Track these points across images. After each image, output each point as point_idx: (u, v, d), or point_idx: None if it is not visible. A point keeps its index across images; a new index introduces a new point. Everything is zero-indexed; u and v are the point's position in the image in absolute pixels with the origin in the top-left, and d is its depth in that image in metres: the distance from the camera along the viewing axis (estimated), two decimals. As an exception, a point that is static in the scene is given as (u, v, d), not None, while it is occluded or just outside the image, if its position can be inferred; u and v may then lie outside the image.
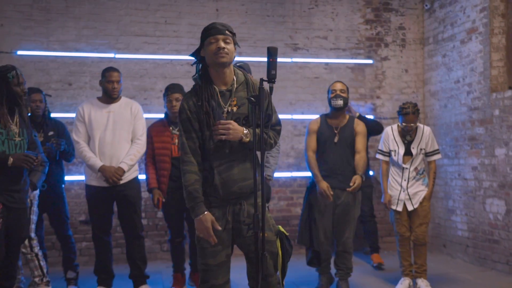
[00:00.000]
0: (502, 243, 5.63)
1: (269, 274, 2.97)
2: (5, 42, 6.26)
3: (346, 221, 4.71)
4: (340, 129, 4.75)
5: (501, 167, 5.67)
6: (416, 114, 4.86)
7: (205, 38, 2.90)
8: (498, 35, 5.91)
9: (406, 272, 4.96)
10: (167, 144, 4.77)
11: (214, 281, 2.91)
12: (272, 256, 2.97)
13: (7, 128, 3.75)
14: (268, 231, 2.92)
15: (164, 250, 6.53)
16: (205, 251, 2.92)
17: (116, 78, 4.65)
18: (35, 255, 4.55)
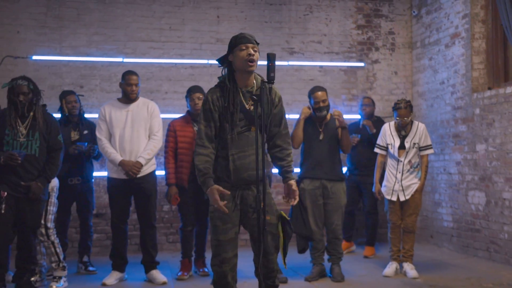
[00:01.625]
0: (483, 231, 6.11)
1: (270, 252, 3.40)
2: (21, 48, 6.71)
3: (334, 209, 5.18)
4: (324, 126, 5.20)
5: (481, 162, 6.15)
6: (408, 109, 5.31)
7: (235, 45, 3.33)
8: (479, 40, 6.39)
9: (394, 256, 5.42)
10: (189, 139, 5.23)
11: (225, 254, 3.35)
12: (274, 237, 3.41)
13: (14, 129, 4.41)
14: (270, 215, 3.37)
15: (170, 241, 6.99)
16: (217, 229, 3.37)
17: (135, 81, 5.12)
18: (51, 242, 4.98)
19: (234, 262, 3.40)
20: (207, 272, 5.37)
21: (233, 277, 3.40)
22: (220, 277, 3.37)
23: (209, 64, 7.20)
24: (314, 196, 5.18)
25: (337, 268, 5.20)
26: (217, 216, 3.37)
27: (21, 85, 4.47)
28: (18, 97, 4.45)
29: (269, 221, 3.35)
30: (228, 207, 3.36)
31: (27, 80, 4.54)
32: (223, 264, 3.34)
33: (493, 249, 5.94)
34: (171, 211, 6.98)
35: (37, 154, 4.51)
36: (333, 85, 7.48)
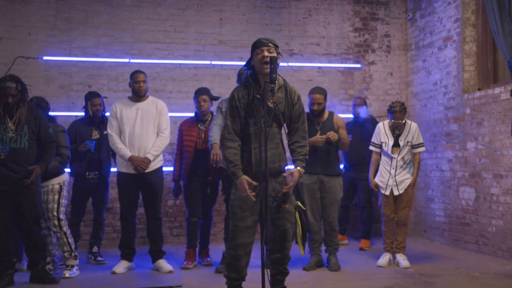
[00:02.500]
0: (472, 225, 6.43)
1: (287, 239, 3.72)
2: (32, 49, 7.01)
3: (331, 203, 5.48)
4: (321, 124, 5.51)
5: (471, 159, 6.46)
6: (403, 112, 5.62)
7: (253, 51, 3.68)
8: (470, 43, 6.70)
9: (387, 248, 5.73)
10: (193, 138, 5.59)
11: (241, 240, 3.65)
12: (291, 224, 3.72)
13: (3, 125, 4.73)
14: (289, 204, 3.69)
15: (174, 235, 7.29)
16: (236, 216, 3.67)
17: (142, 79, 5.43)
18: (63, 233, 5.27)
19: (249, 248, 3.71)
20: (210, 261, 5.67)
21: (246, 262, 3.72)
22: (233, 259, 3.67)
23: (212, 65, 7.51)
24: (311, 190, 5.48)
25: (334, 258, 5.50)
26: (236, 204, 3.67)
27: (10, 87, 4.75)
28: (7, 99, 4.73)
29: (288, 209, 3.68)
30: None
31: (15, 81, 4.80)
32: (238, 248, 3.65)
33: (481, 242, 6.26)
34: (176, 206, 7.28)
35: (26, 147, 4.80)
36: (330, 86, 7.78)
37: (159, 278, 5.09)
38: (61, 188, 5.30)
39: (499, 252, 5.95)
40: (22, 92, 4.82)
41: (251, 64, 3.77)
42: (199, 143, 5.59)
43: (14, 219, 4.84)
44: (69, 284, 4.87)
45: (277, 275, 3.78)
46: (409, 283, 4.81)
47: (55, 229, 5.23)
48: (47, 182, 5.20)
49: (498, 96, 6.01)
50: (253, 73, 3.76)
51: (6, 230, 4.78)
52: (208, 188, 5.65)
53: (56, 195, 5.24)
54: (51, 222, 5.21)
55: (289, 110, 3.76)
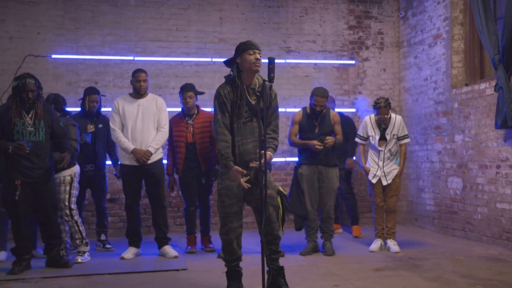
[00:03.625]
0: (460, 213, 6.80)
1: (273, 221, 4.08)
2: (41, 47, 7.36)
3: (328, 192, 5.85)
4: (319, 120, 5.86)
5: (459, 151, 6.83)
6: (388, 107, 5.97)
7: (244, 50, 3.98)
8: (458, 41, 7.06)
9: (379, 234, 6.10)
10: (183, 133, 5.96)
11: (231, 224, 4.03)
12: (274, 208, 4.09)
13: (21, 120, 5.08)
14: (270, 189, 4.04)
15: (177, 224, 7.66)
16: (224, 203, 4.04)
17: (143, 78, 5.77)
18: (75, 222, 5.62)
19: (239, 232, 4.09)
20: (212, 247, 6.05)
21: (238, 244, 4.09)
22: (227, 243, 4.06)
23: (212, 62, 7.85)
24: (311, 180, 5.84)
25: (329, 244, 5.87)
26: (224, 193, 4.04)
27: (30, 83, 5.10)
28: (27, 95, 5.08)
29: (270, 195, 4.03)
30: (233, 185, 4.02)
31: (33, 78, 5.16)
32: (229, 233, 4.03)
33: (468, 228, 6.63)
34: (178, 197, 7.64)
35: (44, 140, 5.17)
36: (326, 81, 8.13)
37: (166, 263, 5.46)
38: (72, 179, 5.65)
39: (484, 237, 6.33)
40: (38, 88, 5.17)
41: (235, 62, 4.05)
42: (189, 137, 5.97)
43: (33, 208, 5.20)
44: (82, 268, 5.23)
45: (271, 254, 4.13)
46: (398, 265, 5.18)
47: (67, 218, 5.58)
48: (58, 174, 5.55)
49: (484, 91, 6.37)
50: (237, 72, 4.06)
51: (26, 218, 5.15)
52: (202, 178, 6.02)
53: (67, 186, 5.58)
54: (63, 212, 5.56)
55: (268, 104, 4.09)
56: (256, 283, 4.21)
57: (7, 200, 5.10)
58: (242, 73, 4.05)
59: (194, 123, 5.99)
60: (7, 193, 5.09)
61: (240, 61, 4.02)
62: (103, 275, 4.96)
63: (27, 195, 5.10)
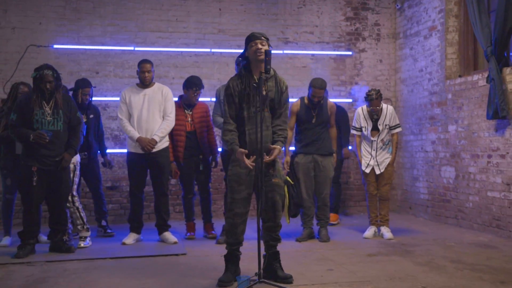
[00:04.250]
0: (452, 201, 6.98)
1: (278, 209, 4.24)
2: (43, 38, 7.49)
3: (324, 181, 6.02)
4: (317, 111, 6.00)
5: (452, 141, 6.99)
6: (379, 99, 6.10)
7: (248, 43, 4.16)
8: (452, 33, 7.19)
9: (372, 221, 6.27)
10: (182, 121, 6.10)
11: (238, 210, 4.17)
12: (281, 197, 4.24)
13: (41, 109, 5.26)
14: (278, 178, 4.20)
15: (176, 211, 7.83)
16: (233, 189, 4.19)
17: (148, 69, 5.91)
18: (76, 208, 5.79)
19: (245, 217, 4.23)
20: (215, 234, 6.21)
21: (242, 230, 4.24)
22: (231, 226, 4.21)
23: (211, 53, 7.99)
24: (306, 169, 6.00)
25: (324, 231, 6.05)
26: (233, 179, 4.20)
27: (47, 75, 5.28)
28: (45, 85, 5.27)
29: (277, 183, 4.19)
30: (242, 172, 4.17)
31: (51, 69, 5.35)
32: (235, 217, 4.18)
33: (460, 216, 6.81)
34: (178, 184, 7.80)
35: (61, 129, 5.35)
36: (323, 72, 8.27)
37: (166, 248, 5.63)
38: (75, 167, 5.81)
39: (475, 225, 6.51)
40: (57, 79, 5.34)
41: (245, 56, 4.25)
42: (188, 126, 6.12)
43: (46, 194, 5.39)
44: (84, 253, 5.40)
45: (270, 241, 4.30)
46: (390, 251, 5.36)
47: (69, 204, 5.74)
48: None
49: (476, 82, 6.52)
50: (247, 63, 4.23)
51: (38, 204, 5.34)
52: (200, 165, 6.17)
53: (71, 173, 5.75)
54: None
55: (278, 97, 4.24)
56: (253, 267, 4.37)
57: (24, 186, 5.29)
58: (251, 64, 4.20)
59: (193, 112, 6.14)
60: (24, 179, 5.28)
61: (247, 54, 4.20)
62: (105, 259, 5.13)
63: (42, 182, 5.29)
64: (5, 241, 5.78)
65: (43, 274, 4.56)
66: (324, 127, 6.02)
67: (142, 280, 4.33)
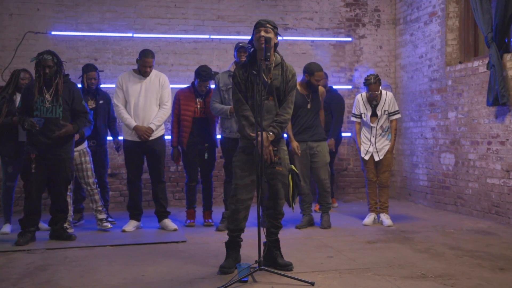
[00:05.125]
0: (452, 188, 6.99)
1: (280, 197, 4.23)
2: (41, 24, 7.43)
3: (321, 166, 6.01)
4: (311, 96, 5.98)
5: (452, 127, 6.98)
6: (378, 83, 6.08)
7: (253, 31, 4.13)
8: (453, 19, 7.15)
9: (372, 208, 6.28)
10: (191, 107, 6.08)
11: (240, 196, 4.16)
12: (284, 186, 4.23)
13: (41, 96, 5.25)
14: (282, 167, 4.20)
15: (176, 198, 7.84)
16: (237, 175, 4.18)
17: (149, 64, 5.83)
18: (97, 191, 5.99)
19: (247, 204, 4.20)
20: (211, 223, 6.22)
21: (245, 216, 4.22)
22: (234, 212, 4.19)
23: (211, 39, 7.94)
24: (302, 157, 5.99)
25: (326, 216, 6.06)
26: (238, 165, 4.20)
27: (47, 59, 5.26)
28: (44, 70, 5.24)
29: (281, 172, 4.19)
30: (247, 159, 4.16)
31: (51, 54, 5.31)
32: (237, 203, 4.16)
33: (459, 203, 6.82)
34: (177, 171, 7.81)
35: (60, 117, 5.31)
36: (323, 58, 8.23)
37: (166, 235, 5.64)
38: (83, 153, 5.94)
39: (474, 212, 6.52)
40: (58, 65, 5.30)
41: (252, 43, 4.22)
42: (196, 112, 6.10)
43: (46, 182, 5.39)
44: (85, 240, 5.41)
45: (271, 227, 4.31)
46: (390, 238, 5.37)
47: (91, 187, 5.90)
48: (80, 146, 5.87)
49: (477, 69, 6.49)
50: (253, 51, 4.21)
51: (38, 191, 5.33)
52: (205, 154, 6.16)
53: (89, 157, 5.94)
54: (88, 181, 5.90)
55: (283, 86, 4.21)
56: (253, 254, 4.39)
57: (25, 173, 5.30)
58: (257, 52, 4.17)
59: (205, 100, 6.11)
60: (25, 167, 5.30)
61: (254, 42, 4.17)
62: (105, 247, 5.14)
63: (42, 169, 5.29)
64: (5, 229, 5.79)
65: (44, 262, 4.57)
66: (317, 113, 6.01)
67: (143, 268, 4.34)
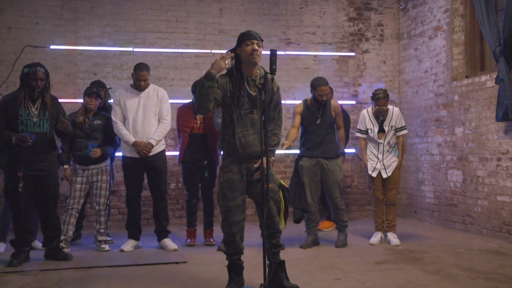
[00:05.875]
0: (460, 206, 6.79)
1: (274, 215, 4.03)
2: (40, 38, 7.30)
3: (332, 184, 5.83)
4: (321, 111, 5.83)
5: (459, 143, 6.81)
6: (386, 98, 5.93)
7: (242, 41, 3.90)
8: (458, 33, 7.02)
9: (379, 227, 6.08)
10: (189, 123, 5.95)
11: (233, 218, 3.98)
12: (275, 202, 4.04)
13: (26, 110, 5.02)
14: (272, 183, 4.01)
15: (176, 216, 7.64)
16: (227, 197, 3.99)
17: (144, 78, 5.66)
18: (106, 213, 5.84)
19: (242, 225, 4.03)
20: (212, 242, 6.01)
21: (241, 237, 4.04)
22: (229, 236, 4.01)
23: (212, 53, 7.80)
24: (311, 173, 5.82)
25: (341, 235, 5.87)
26: (226, 186, 3.99)
27: (40, 71, 5.04)
28: (37, 82, 5.02)
29: (272, 188, 3.98)
30: (236, 178, 3.98)
31: (43, 67, 5.11)
32: (231, 226, 3.97)
33: (468, 221, 6.63)
34: (178, 189, 7.63)
35: (48, 132, 5.12)
36: (326, 73, 8.08)
37: (166, 255, 5.43)
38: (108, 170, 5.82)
39: (484, 230, 6.32)
40: (47, 78, 5.11)
41: (236, 53, 3.96)
42: (195, 128, 5.94)
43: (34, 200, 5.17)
44: (81, 261, 5.19)
45: (272, 248, 4.10)
46: (398, 259, 5.17)
47: (99, 207, 5.73)
48: (99, 164, 5.71)
49: (484, 83, 6.34)
50: (237, 63, 3.98)
51: (27, 210, 5.11)
52: (205, 172, 5.99)
53: (108, 175, 5.77)
54: (98, 200, 5.73)
55: (269, 98, 3.99)
56: (257, 276, 4.20)
57: (9, 191, 5.07)
58: (242, 64, 3.98)
59: (205, 116, 5.92)
60: (9, 185, 5.07)
61: (239, 52, 3.95)
62: (103, 268, 4.92)
63: (29, 187, 5.06)
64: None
65: (37, 284, 4.36)
66: (330, 129, 5.85)
67: (141, 291, 4.14)
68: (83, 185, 5.70)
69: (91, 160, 5.64)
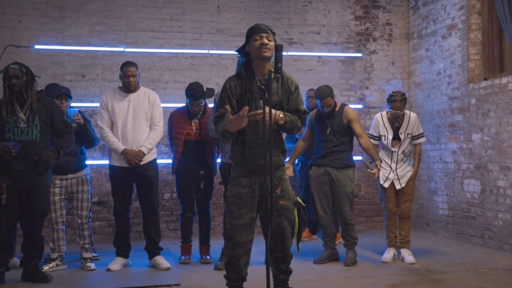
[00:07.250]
0: (478, 219, 6.26)
1: (286, 237, 3.51)
2: (23, 37, 6.77)
3: (341, 196, 5.31)
4: (332, 120, 5.32)
5: (477, 151, 6.29)
6: (403, 102, 5.41)
7: (251, 36, 3.42)
8: (475, 31, 6.50)
9: (391, 243, 5.55)
10: (183, 130, 5.40)
11: (239, 238, 3.44)
12: (290, 222, 3.51)
13: (14, 116, 4.50)
14: (287, 200, 3.47)
15: (170, 229, 7.10)
16: (233, 213, 3.46)
17: (132, 73, 5.16)
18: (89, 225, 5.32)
19: (248, 247, 3.50)
20: (209, 260, 5.48)
21: (246, 261, 3.51)
22: (232, 259, 3.48)
23: (209, 54, 7.29)
24: (320, 183, 5.34)
25: (350, 253, 5.35)
26: (233, 201, 3.48)
27: (14, 69, 4.53)
28: (10, 81, 4.51)
29: (286, 206, 3.46)
30: (245, 193, 3.46)
31: (19, 64, 4.59)
32: (236, 247, 3.45)
33: (487, 235, 6.09)
34: (172, 199, 7.09)
35: (38, 139, 4.58)
36: (331, 75, 7.59)
37: (157, 276, 4.90)
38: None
39: (506, 246, 5.79)
40: (27, 76, 4.57)
41: (245, 51, 3.53)
42: (191, 134, 5.42)
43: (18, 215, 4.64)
44: (62, 283, 4.66)
45: (279, 274, 3.59)
46: (416, 280, 4.64)
47: (81, 220, 5.23)
48: (79, 173, 5.23)
49: (506, 85, 5.83)
50: (247, 61, 3.52)
51: (9, 226, 4.59)
52: (201, 183, 5.46)
53: (90, 185, 5.31)
54: (84, 213, 5.24)
55: (286, 99, 3.53)
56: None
57: None
58: (253, 62, 3.49)
59: (201, 121, 5.42)
60: None
61: (249, 49, 3.47)
62: (86, 291, 4.40)
63: (13, 200, 4.52)
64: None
65: (9, 313, 3.84)
66: (342, 138, 5.33)
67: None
68: (61, 196, 5.19)
69: (69, 169, 5.13)
